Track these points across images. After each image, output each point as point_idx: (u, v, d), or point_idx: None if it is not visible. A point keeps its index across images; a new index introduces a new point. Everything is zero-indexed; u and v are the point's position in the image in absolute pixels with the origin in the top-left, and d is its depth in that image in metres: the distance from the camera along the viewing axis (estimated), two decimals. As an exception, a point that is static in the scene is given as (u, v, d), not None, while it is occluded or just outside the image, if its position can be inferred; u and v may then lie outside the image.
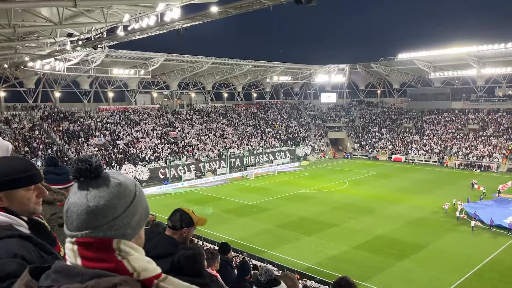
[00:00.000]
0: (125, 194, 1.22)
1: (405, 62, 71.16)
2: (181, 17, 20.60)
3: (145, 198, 1.32)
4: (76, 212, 1.16)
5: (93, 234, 1.15)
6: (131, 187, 1.26)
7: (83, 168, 1.19)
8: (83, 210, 1.16)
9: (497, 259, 25.41)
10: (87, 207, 1.16)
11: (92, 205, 1.16)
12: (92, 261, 1.13)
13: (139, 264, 1.17)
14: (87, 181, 1.19)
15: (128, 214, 1.21)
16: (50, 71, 47.15)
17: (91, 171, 1.20)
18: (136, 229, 1.25)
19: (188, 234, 2.98)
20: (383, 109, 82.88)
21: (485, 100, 70.29)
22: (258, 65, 70.22)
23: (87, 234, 1.15)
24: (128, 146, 55.04)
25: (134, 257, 1.18)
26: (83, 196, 1.18)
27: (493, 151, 60.26)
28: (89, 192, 1.18)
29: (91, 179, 1.20)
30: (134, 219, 1.23)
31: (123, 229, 1.20)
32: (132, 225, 1.23)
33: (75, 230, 1.16)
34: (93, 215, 1.16)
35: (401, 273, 23.64)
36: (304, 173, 58.75)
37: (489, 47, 58.83)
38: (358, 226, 32.61)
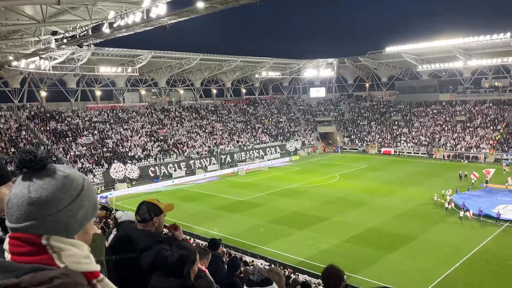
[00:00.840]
0: (70, 188, 1.20)
1: (392, 55, 71.60)
2: (167, 13, 20.44)
3: (94, 194, 1.31)
4: (17, 203, 1.13)
5: (29, 228, 1.12)
6: (78, 181, 1.23)
7: (26, 159, 1.16)
8: (24, 201, 1.13)
9: (485, 248, 25.81)
10: (29, 198, 1.13)
11: (34, 196, 1.13)
12: (21, 255, 1.11)
13: (71, 259, 1.14)
14: (31, 173, 1.17)
15: (72, 208, 1.19)
16: (35, 70, 46.46)
17: (36, 162, 1.17)
18: (82, 223, 1.23)
19: (160, 223, 2.99)
20: (371, 102, 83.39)
21: (471, 92, 71.14)
22: (246, 61, 70.06)
23: (23, 228, 1.12)
24: (117, 144, 54.59)
25: (67, 252, 1.14)
26: (26, 187, 1.14)
27: (480, 142, 61.07)
28: (32, 183, 1.15)
29: (35, 170, 1.17)
30: (79, 213, 1.21)
31: (68, 223, 1.17)
32: (78, 219, 1.20)
33: (15, 222, 1.13)
34: (34, 206, 1.12)
35: (391, 265, 23.89)
36: (294, 168, 58.92)
37: (475, 39, 59.44)
38: (349, 219, 32.84)
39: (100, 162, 49.45)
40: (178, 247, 2.56)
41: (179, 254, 2.48)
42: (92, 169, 47.86)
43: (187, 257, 2.52)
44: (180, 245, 2.62)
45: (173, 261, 2.47)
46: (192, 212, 36.57)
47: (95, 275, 1.16)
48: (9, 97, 54.25)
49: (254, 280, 2.98)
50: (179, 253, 2.49)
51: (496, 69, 68.40)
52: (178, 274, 2.47)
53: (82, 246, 1.21)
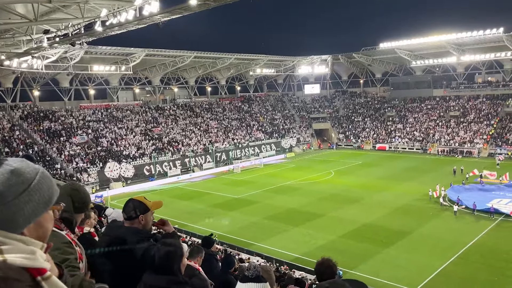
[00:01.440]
0: (16, 182, 1.17)
1: (386, 51, 71.75)
2: (160, 11, 20.31)
3: (50, 188, 1.27)
4: None
5: None
6: (27, 175, 1.21)
7: None
8: None
9: (480, 242, 25.99)
10: None
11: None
12: None
13: (14, 255, 1.11)
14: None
15: (18, 203, 1.16)
16: (27, 70, 46.06)
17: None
18: (29, 218, 1.20)
19: (146, 221, 2.96)
20: (366, 98, 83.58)
21: (465, 87, 71.49)
22: (240, 58, 69.92)
23: None
24: (112, 143, 54.35)
25: (8, 247, 1.12)
26: None
27: (474, 136, 61.42)
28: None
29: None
30: (26, 208, 1.18)
31: (12, 217, 1.15)
32: (24, 213, 1.18)
33: None
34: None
35: (388, 260, 24.00)
36: (290, 165, 58.99)
37: (468, 34, 59.69)
38: (345, 215, 32.94)
39: (95, 161, 49.22)
40: (164, 244, 2.54)
41: (165, 251, 2.46)
42: (87, 168, 47.64)
43: (174, 253, 2.50)
44: (165, 242, 2.60)
45: (160, 258, 2.45)
46: (187, 210, 36.54)
47: (41, 272, 1.13)
48: (1, 97, 53.85)
49: (248, 276, 2.96)
50: (165, 250, 2.47)
51: (489, 64, 68.75)
52: (168, 271, 2.45)
53: (29, 241, 1.18)
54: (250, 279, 2.94)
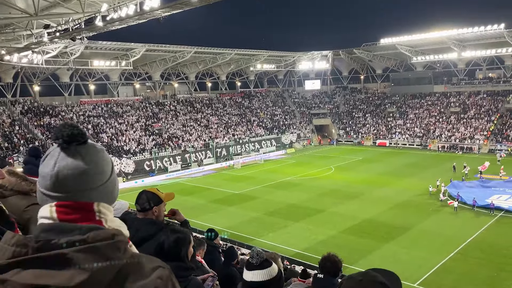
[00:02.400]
0: (109, 159, 1.26)
1: (387, 47, 71.57)
2: (160, 6, 20.29)
3: None
4: (72, 175, 1.16)
5: (82, 197, 1.18)
6: (108, 155, 1.30)
7: (76, 133, 1.18)
8: (80, 172, 1.16)
9: (479, 238, 26.06)
10: (84, 170, 1.17)
11: (89, 168, 1.18)
12: (72, 221, 1.15)
13: (114, 224, 1.22)
14: (76, 147, 1.19)
15: (114, 178, 1.27)
16: (28, 65, 46.02)
17: (82, 136, 1.20)
18: (118, 191, 1.31)
19: (160, 212, 2.99)
20: (366, 94, 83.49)
21: (466, 83, 71.37)
22: (241, 53, 69.77)
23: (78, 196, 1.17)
24: (112, 139, 54.38)
25: (110, 218, 1.22)
26: (79, 159, 1.17)
27: (474, 133, 61.41)
28: (83, 156, 1.18)
29: (80, 144, 1.20)
30: (117, 182, 1.30)
31: (112, 192, 1.26)
32: (117, 187, 1.30)
33: (67, 192, 1.16)
34: (90, 177, 1.18)
35: (387, 255, 24.07)
36: (290, 161, 59.02)
37: (469, 30, 59.53)
38: (345, 211, 33.02)
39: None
40: (173, 231, 2.57)
41: (175, 238, 2.49)
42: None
43: (183, 239, 2.52)
44: (174, 229, 2.63)
45: (169, 245, 2.48)
46: (188, 206, 36.61)
47: (128, 240, 1.23)
48: (1, 92, 53.82)
49: (253, 263, 2.99)
50: (174, 236, 2.50)
51: (490, 60, 68.59)
52: (176, 257, 2.48)
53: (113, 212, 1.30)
54: (255, 266, 2.96)
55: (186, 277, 2.54)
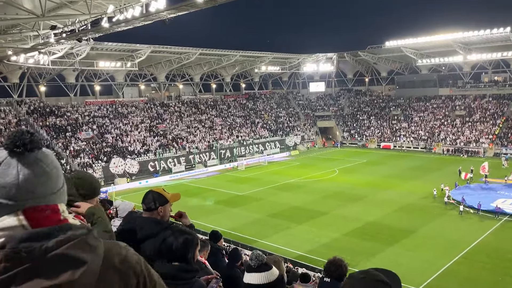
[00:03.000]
0: (58, 163, 1.30)
1: (392, 49, 71.43)
2: (166, 7, 20.36)
3: None
4: (38, 181, 1.18)
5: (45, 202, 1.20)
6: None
7: (35, 140, 1.20)
8: (47, 177, 1.20)
9: (484, 242, 25.91)
10: (48, 175, 1.21)
11: (52, 172, 1.22)
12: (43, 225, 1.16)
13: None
14: (36, 153, 1.20)
15: (64, 181, 1.30)
16: (34, 65, 46.36)
17: (40, 142, 1.22)
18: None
19: (165, 212, 3.00)
20: (371, 97, 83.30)
21: (471, 86, 71.05)
22: (246, 55, 69.86)
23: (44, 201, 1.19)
24: (117, 139, 54.59)
25: (71, 217, 1.28)
26: (40, 166, 1.19)
27: (480, 136, 61.09)
28: (43, 162, 1.21)
29: (38, 150, 1.21)
30: (65, 185, 1.32)
31: (64, 193, 1.30)
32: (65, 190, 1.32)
33: (32, 199, 1.17)
34: (53, 181, 1.22)
35: (391, 258, 23.97)
36: (294, 163, 58.98)
37: (475, 33, 59.27)
38: (349, 213, 32.94)
39: (100, 157, 49.47)
40: (181, 232, 2.58)
41: (183, 239, 2.51)
42: (92, 164, 47.89)
43: (191, 241, 2.54)
44: (182, 230, 2.65)
45: (177, 246, 2.49)
46: (191, 206, 36.66)
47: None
48: (8, 92, 54.25)
49: (252, 266, 2.99)
50: (183, 237, 2.51)
51: (496, 63, 68.28)
52: (183, 258, 2.50)
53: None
54: (254, 269, 2.97)
55: (190, 279, 2.56)
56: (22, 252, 1.05)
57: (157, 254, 2.54)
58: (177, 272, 2.46)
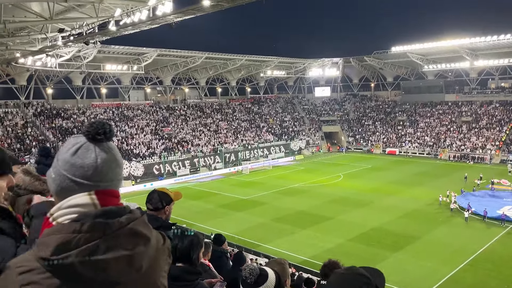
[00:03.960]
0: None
1: (398, 55, 71.28)
2: (173, 11, 20.48)
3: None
4: (110, 166, 1.32)
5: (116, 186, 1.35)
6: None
7: (112, 131, 1.35)
8: (116, 165, 1.34)
9: (490, 249, 25.67)
10: (118, 162, 1.35)
11: (120, 160, 1.36)
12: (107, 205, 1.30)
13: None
14: (108, 143, 1.35)
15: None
16: (41, 68, 46.69)
17: (112, 132, 1.36)
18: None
19: (170, 211, 3.07)
20: (377, 102, 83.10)
21: (478, 93, 70.69)
22: (251, 60, 70.00)
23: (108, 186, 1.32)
24: (122, 142, 54.81)
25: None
26: (113, 154, 1.34)
27: (486, 142, 60.70)
28: (114, 152, 1.35)
29: (109, 140, 1.35)
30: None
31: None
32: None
33: (107, 182, 1.31)
34: (120, 168, 1.36)
35: (396, 264, 23.82)
36: (298, 167, 58.88)
37: (481, 39, 59.01)
38: (353, 218, 32.78)
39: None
40: (187, 234, 2.59)
41: (189, 240, 2.51)
42: (97, 166, 48.01)
43: (197, 242, 2.55)
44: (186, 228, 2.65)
45: (183, 247, 2.50)
46: (196, 210, 36.69)
47: None
48: (15, 94, 54.64)
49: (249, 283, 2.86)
50: (189, 239, 2.52)
51: (503, 69, 67.93)
52: (187, 259, 2.50)
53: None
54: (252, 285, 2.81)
55: (193, 281, 2.56)
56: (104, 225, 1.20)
57: None
58: (181, 273, 2.46)
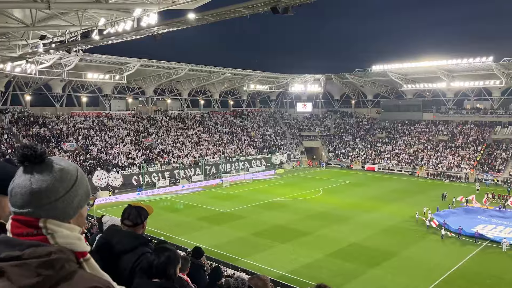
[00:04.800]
0: (66, 179, 1.34)
1: (378, 73, 72.88)
2: (158, 23, 20.53)
3: (87, 181, 1.45)
4: (20, 192, 1.28)
5: (30, 213, 1.27)
6: (72, 172, 1.38)
7: (28, 154, 1.30)
8: (26, 191, 1.28)
9: (465, 266, 26.17)
10: (31, 189, 1.28)
11: (36, 187, 1.28)
12: (20, 236, 1.26)
13: (64, 240, 1.30)
14: (31, 166, 1.31)
15: (69, 196, 1.34)
16: (21, 74, 45.81)
17: (36, 157, 1.30)
18: (76, 209, 1.39)
19: (145, 226, 3.08)
20: (357, 119, 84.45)
21: (454, 112, 72.69)
22: (235, 73, 70.39)
23: (26, 213, 1.27)
24: (101, 152, 53.96)
25: (60, 234, 1.30)
26: (27, 179, 1.29)
27: (462, 161, 62.21)
28: (32, 175, 1.30)
29: (35, 164, 1.31)
30: (75, 200, 1.37)
31: (64, 209, 1.33)
32: (73, 206, 1.36)
33: (18, 208, 1.28)
34: (35, 196, 1.28)
35: (373, 280, 24.00)
36: (279, 181, 59.01)
37: (458, 61, 60.94)
38: (332, 234, 32.96)
39: (83, 169, 48.67)
40: (164, 250, 2.61)
41: (166, 256, 2.53)
42: (74, 176, 47.02)
43: (174, 257, 2.57)
44: (165, 247, 2.67)
45: (159, 263, 2.52)
46: (174, 223, 36.26)
47: (84, 254, 1.33)
48: (-8, 100, 53.36)
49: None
50: (166, 254, 2.54)
51: (478, 91, 70.13)
52: (164, 275, 2.52)
53: (75, 229, 1.37)
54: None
55: None
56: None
57: (135, 268, 2.56)
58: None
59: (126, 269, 2.55)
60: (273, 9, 15.85)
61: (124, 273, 2.59)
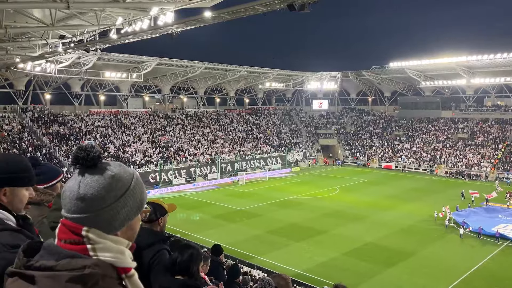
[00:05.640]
0: (115, 187, 1.27)
1: (396, 70, 71.89)
2: (174, 22, 20.64)
3: (142, 192, 1.36)
4: (68, 196, 1.25)
5: (75, 219, 1.23)
6: (125, 181, 1.30)
7: (80, 156, 1.26)
8: (73, 195, 1.24)
9: (484, 267, 25.64)
10: (78, 194, 1.23)
11: (82, 192, 1.23)
12: (63, 241, 1.22)
13: (105, 253, 1.21)
14: (84, 169, 1.27)
15: (115, 207, 1.26)
16: (41, 73, 46.70)
17: (88, 160, 1.26)
18: (124, 221, 1.30)
19: (164, 223, 3.06)
20: (374, 117, 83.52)
21: (474, 110, 71.25)
22: (250, 71, 70.37)
23: (71, 218, 1.23)
24: (119, 149, 54.68)
25: (102, 246, 1.22)
26: (77, 183, 1.25)
27: (482, 160, 60.97)
28: (82, 179, 1.25)
29: (87, 167, 1.26)
30: (122, 211, 1.28)
31: (109, 220, 1.26)
32: (120, 217, 1.28)
33: (66, 212, 1.25)
34: (80, 201, 1.23)
35: (389, 280, 23.73)
36: (295, 179, 58.84)
37: (478, 57, 59.67)
38: (348, 232, 32.70)
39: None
40: (187, 247, 2.61)
41: (189, 253, 2.54)
42: (93, 173, 47.78)
43: (197, 255, 2.57)
44: (188, 244, 2.68)
45: (182, 260, 2.52)
46: (190, 220, 36.54)
47: (126, 270, 1.25)
48: (13, 99, 54.58)
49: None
50: (189, 252, 2.54)
51: (499, 88, 68.58)
52: (187, 272, 2.52)
53: (121, 242, 1.28)
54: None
55: None
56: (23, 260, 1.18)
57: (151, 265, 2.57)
58: (180, 287, 2.49)
59: (143, 265, 2.56)
60: (290, 6, 15.74)
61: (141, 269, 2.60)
